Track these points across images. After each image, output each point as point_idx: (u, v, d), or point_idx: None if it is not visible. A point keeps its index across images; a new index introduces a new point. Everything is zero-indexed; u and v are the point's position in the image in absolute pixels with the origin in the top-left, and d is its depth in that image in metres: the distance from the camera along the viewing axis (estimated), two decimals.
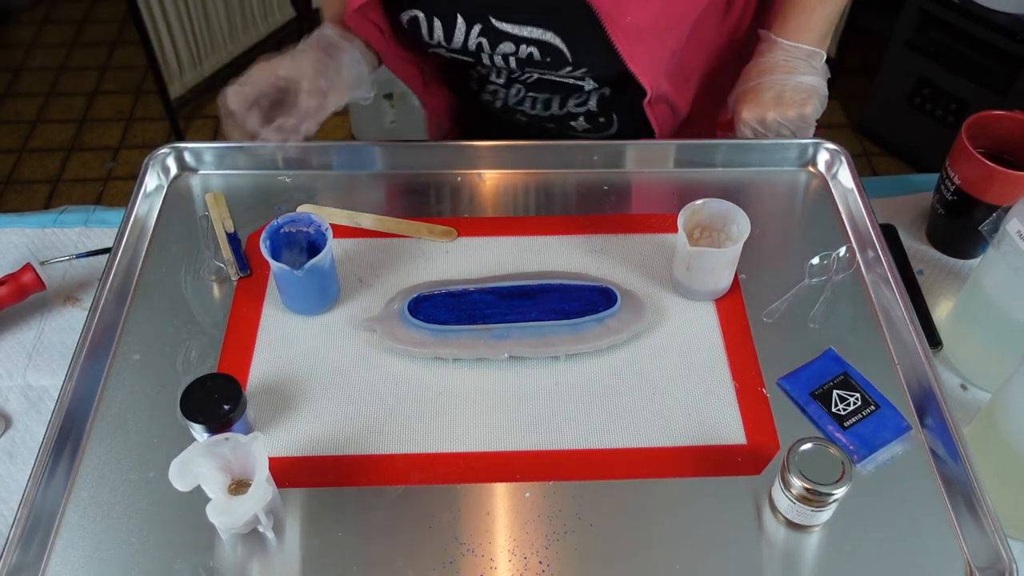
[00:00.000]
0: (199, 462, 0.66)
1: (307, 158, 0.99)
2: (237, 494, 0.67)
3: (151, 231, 0.92)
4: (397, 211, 0.94)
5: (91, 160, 2.46)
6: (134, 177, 0.95)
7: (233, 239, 0.90)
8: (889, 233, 0.98)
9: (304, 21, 2.76)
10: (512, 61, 0.93)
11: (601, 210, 0.96)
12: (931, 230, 1.00)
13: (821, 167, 0.99)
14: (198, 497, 0.66)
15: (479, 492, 0.73)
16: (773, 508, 0.71)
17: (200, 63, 2.51)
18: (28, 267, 0.89)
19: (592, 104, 1.02)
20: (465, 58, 0.96)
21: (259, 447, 0.66)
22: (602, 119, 1.04)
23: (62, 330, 0.89)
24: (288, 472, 0.73)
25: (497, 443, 0.76)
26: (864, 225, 0.92)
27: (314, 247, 0.83)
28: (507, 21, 0.88)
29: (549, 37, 0.89)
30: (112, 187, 2.39)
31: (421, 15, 0.90)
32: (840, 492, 0.66)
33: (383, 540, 0.70)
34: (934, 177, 1.00)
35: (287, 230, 0.83)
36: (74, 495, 0.72)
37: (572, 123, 1.05)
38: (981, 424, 0.77)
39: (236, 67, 2.61)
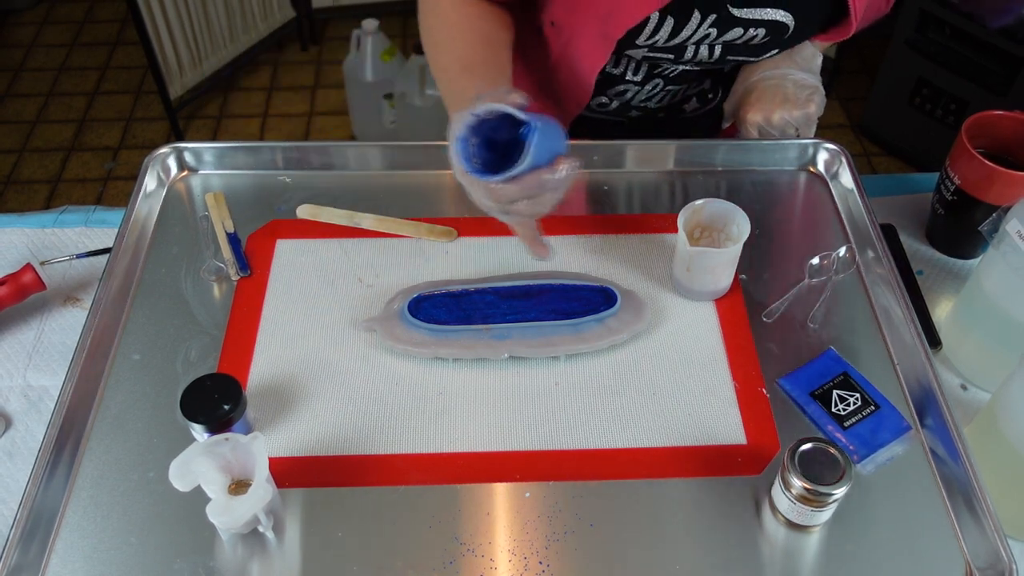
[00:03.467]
0: (199, 462, 0.66)
1: (307, 158, 0.99)
2: (237, 494, 0.67)
3: (151, 231, 0.92)
4: (397, 211, 0.94)
5: (91, 160, 2.46)
6: (134, 177, 0.95)
7: (233, 239, 0.90)
8: (889, 233, 0.98)
9: (304, 21, 2.77)
10: (718, 49, 0.90)
11: (601, 210, 0.96)
12: (931, 230, 1.00)
13: (821, 167, 0.99)
14: (198, 497, 0.66)
15: (479, 492, 0.73)
16: (773, 508, 0.71)
17: (200, 63, 2.51)
18: (28, 267, 0.89)
19: (707, 83, 1.03)
20: (662, 55, 0.92)
21: (259, 447, 0.66)
22: (711, 95, 1.06)
23: (62, 330, 0.89)
24: (288, 472, 0.73)
25: (497, 443, 0.76)
26: (864, 225, 0.92)
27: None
28: (746, 6, 0.86)
29: (780, 16, 0.87)
30: (112, 187, 2.39)
31: (655, 15, 0.85)
32: (840, 492, 0.66)
33: (383, 540, 0.70)
34: (934, 177, 1.00)
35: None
36: (74, 495, 0.72)
37: (684, 106, 1.06)
38: (981, 424, 0.77)
39: (236, 67, 2.62)
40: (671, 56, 0.92)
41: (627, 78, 1.00)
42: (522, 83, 1.03)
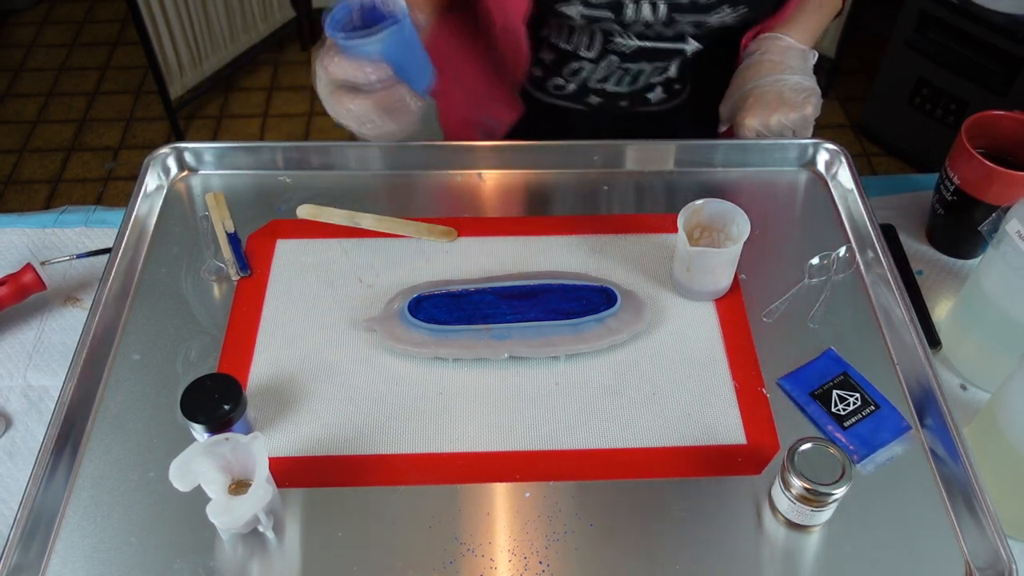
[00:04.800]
0: (199, 462, 0.66)
1: (307, 158, 0.99)
2: (237, 494, 0.67)
3: (151, 231, 0.92)
4: (397, 211, 0.94)
5: (91, 160, 2.46)
6: (134, 177, 0.95)
7: (233, 239, 0.90)
8: (889, 233, 0.98)
9: (304, 21, 2.77)
10: (663, 8, 0.90)
11: (601, 210, 0.96)
12: (931, 230, 1.00)
13: (821, 167, 0.99)
14: (198, 497, 0.66)
15: (479, 492, 0.73)
16: (773, 508, 0.71)
17: (200, 63, 2.51)
18: (28, 267, 0.89)
19: (672, 71, 1.01)
20: (599, 12, 0.90)
21: (259, 447, 0.66)
22: (678, 86, 1.04)
23: (62, 330, 0.89)
24: (288, 472, 0.73)
25: (497, 443, 0.76)
26: (864, 225, 0.92)
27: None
28: None
29: None
30: (112, 187, 2.39)
31: None
32: (840, 492, 0.66)
33: (383, 540, 0.70)
34: (934, 177, 1.00)
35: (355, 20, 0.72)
36: (74, 495, 0.72)
37: (648, 95, 1.04)
38: (981, 424, 0.77)
39: (236, 67, 2.62)
40: (611, 15, 0.91)
41: (580, 54, 0.98)
42: (469, 50, 1.03)
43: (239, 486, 0.70)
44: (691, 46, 0.98)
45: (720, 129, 1.03)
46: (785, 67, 0.95)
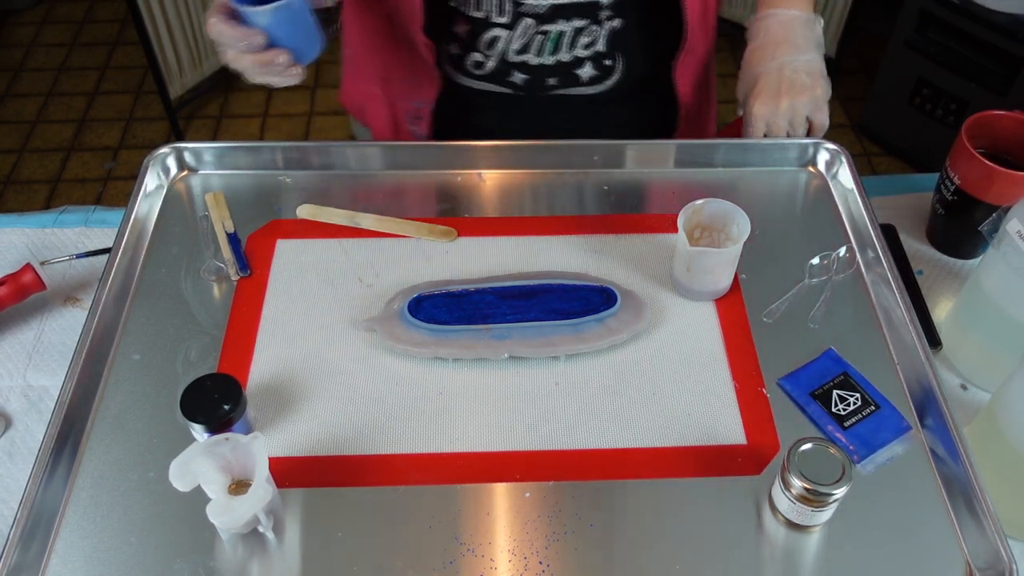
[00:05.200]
0: (199, 462, 0.66)
1: (307, 158, 0.99)
2: (237, 494, 0.67)
3: (151, 231, 0.92)
4: (397, 211, 0.94)
5: (91, 160, 2.46)
6: (134, 177, 0.95)
7: (233, 239, 0.90)
8: (889, 233, 0.98)
9: None
10: None
11: (601, 210, 0.96)
12: (931, 230, 1.00)
13: (821, 167, 0.99)
14: (198, 497, 0.66)
15: (479, 492, 0.73)
16: (773, 508, 0.71)
17: (200, 63, 2.51)
18: (28, 267, 0.89)
19: (601, 44, 0.97)
20: None
21: (259, 447, 0.66)
22: (608, 61, 0.99)
23: (62, 330, 0.89)
24: (288, 472, 0.73)
25: (497, 443, 0.76)
26: (864, 225, 0.92)
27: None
28: None
29: None
30: (112, 187, 2.39)
31: None
32: (840, 492, 0.66)
33: (383, 540, 0.70)
34: (934, 177, 1.00)
35: None
36: (74, 495, 0.72)
37: (577, 71, 0.99)
38: (981, 424, 0.77)
39: None
40: None
41: (493, 20, 0.95)
42: (379, 25, 1.00)
43: (239, 486, 0.70)
44: (605, 11, 0.94)
45: (739, 112, 1.00)
46: (791, 46, 0.92)
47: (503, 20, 0.95)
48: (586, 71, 1.00)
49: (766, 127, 0.95)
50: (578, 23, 0.95)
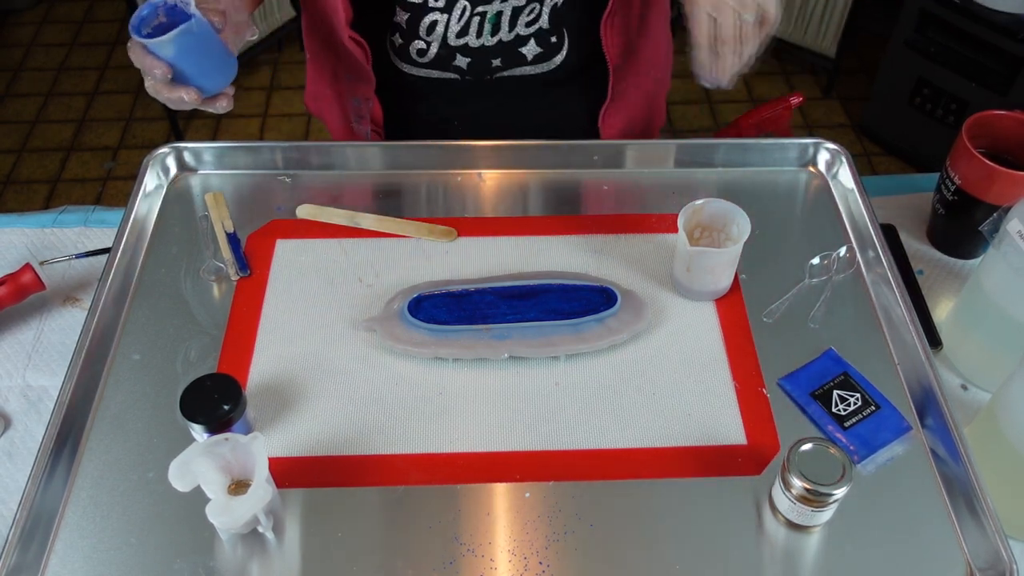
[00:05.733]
0: (199, 462, 0.66)
1: (307, 158, 0.99)
2: (237, 494, 0.67)
3: (151, 231, 0.92)
4: (397, 211, 0.94)
5: (91, 160, 2.46)
6: (134, 177, 0.95)
7: (233, 239, 0.90)
8: (889, 233, 0.98)
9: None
10: None
11: (601, 210, 0.96)
12: (931, 230, 1.00)
13: (821, 167, 0.99)
14: (198, 497, 0.66)
15: (479, 492, 0.73)
16: (773, 508, 0.71)
17: None
18: (28, 267, 0.89)
19: (544, 21, 0.95)
20: None
21: (259, 447, 0.66)
22: (554, 39, 0.97)
23: (62, 330, 0.89)
24: (288, 472, 0.73)
25: (497, 443, 0.76)
26: (864, 225, 0.92)
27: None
28: None
29: None
30: (112, 187, 2.39)
31: None
32: (840, 492, 0.66)
33: (383, 540, 0.70)
34: (934, 177, 1.00)
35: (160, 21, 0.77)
36: (74, 495, 0.72)
37: (521, 49, 0.97)
38: (981, 424, 0.77)
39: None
40: None
41: (430, 5, 0.93)
42: (321, 24, 0.98)
43: (239, 486, 0.70)
44: None
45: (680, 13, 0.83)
46: None
47: (439, 4, 0.94)
48: (530, 49, 0.98)
49: (708, 25, 0.77)
50: (516, 2, 0.94)
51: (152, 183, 0.96)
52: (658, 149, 0.99)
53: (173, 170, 0.98)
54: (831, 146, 0.98)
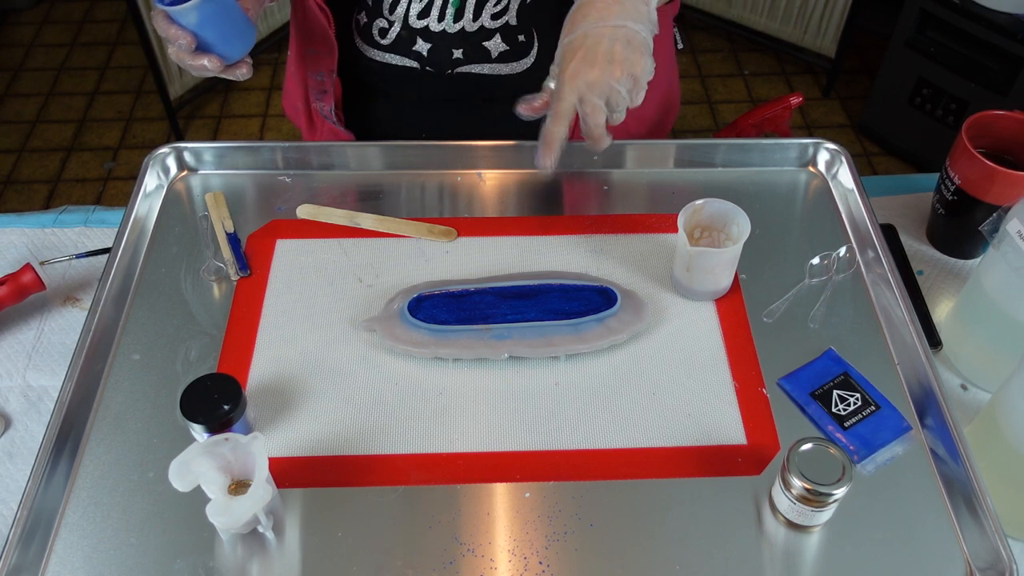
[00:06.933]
0: (199, 462, 0.66)
1: (307, 158, 0.99)
2: (237, 494, 0.67)
3: (151, 231, 0.92)
4: (397, 211, 0.94)
5: (91, 160, 2.46)
6: (134, 177, 0.95)
7: (233, 239, 0.90)
8: (889, 233, 0.98)
9: None
10: None
11: (601, 210, 0.96)
12: (931, 230, 1.00)
13: (821, 167, 0.99)
14: (198, 497, 0.66)
15: (479, 492, 0.73)
16: (773, 508, 0.71)
17: None
18: (28, 267, 0.89)
19: (512, 16, 0.92)
20: None
21: (259, 447, 0.66)
22: (521, 37, 0.93)
23: (62, 330, 0.89)
24: (288, 472, 0.73)
25: (497, 443, 0.76)
26: (864, 225, 0.92)
27: None
28: None
29: None
30: (112, 187, 2.39)
31: None
32: (840, 492, 0.66)
33: (383, 540, 0.70)
34: (934, 177, 1.00)
35: None
36: (74, 495, 0.72)
37: (485, 44, 0.93)
38: (981, 424, 0.77)
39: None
40: None
41: None
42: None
43: (239, 486, 0.70)
44: None
45: (547, 85, 0.82)
46: (622, 11, 0.77)
47: None
48: (495, 44, 0.94)
49: (578, 103, 0.78)
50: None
51: (152, 183, 0.96)
52: (658, 149, 0.99)
53: (173, 170, 0.98)
54: (831, 146, 0.99)
